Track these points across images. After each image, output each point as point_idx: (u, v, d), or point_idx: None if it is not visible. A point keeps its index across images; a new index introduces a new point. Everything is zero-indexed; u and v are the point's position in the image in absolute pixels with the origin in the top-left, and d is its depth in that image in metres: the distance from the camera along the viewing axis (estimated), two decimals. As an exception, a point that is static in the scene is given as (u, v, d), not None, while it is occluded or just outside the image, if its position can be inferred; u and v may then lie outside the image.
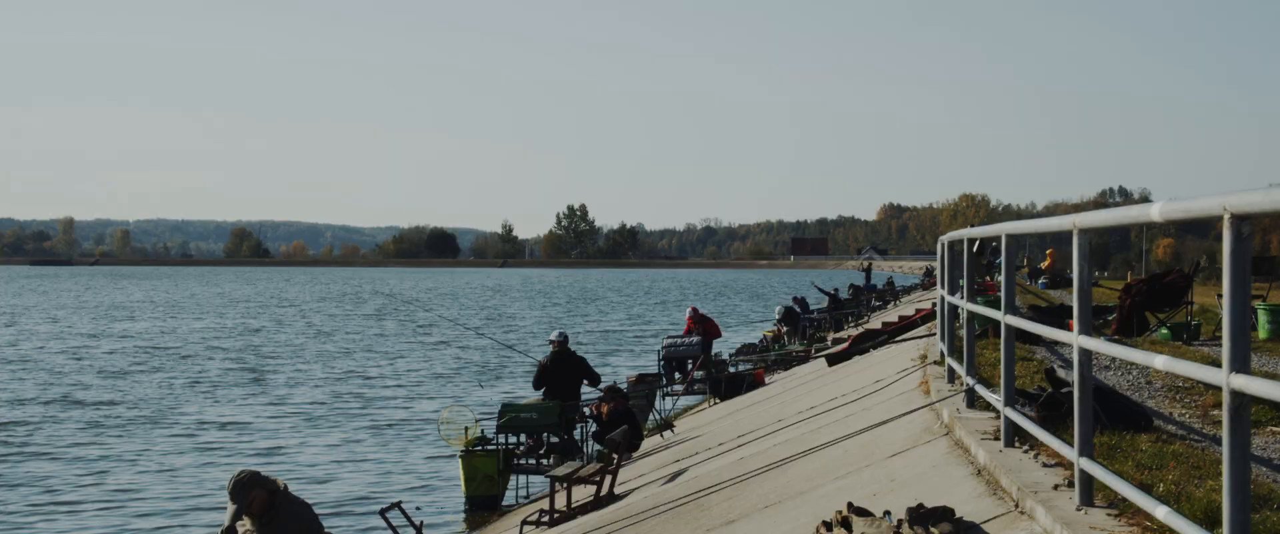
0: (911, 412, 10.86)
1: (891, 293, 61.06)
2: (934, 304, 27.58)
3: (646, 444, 19.41)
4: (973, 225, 12.10)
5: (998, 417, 9.01)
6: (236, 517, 9.51)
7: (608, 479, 13.83)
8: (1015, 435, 7.70)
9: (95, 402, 30.51)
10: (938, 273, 17.18)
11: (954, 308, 12.20)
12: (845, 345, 23.96)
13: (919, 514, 6.20)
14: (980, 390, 9.07)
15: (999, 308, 7.97)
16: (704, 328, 28.85)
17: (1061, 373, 8.79)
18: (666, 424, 20.98)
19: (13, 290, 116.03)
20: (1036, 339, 14.82)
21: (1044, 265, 45.06)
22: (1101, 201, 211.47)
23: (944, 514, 6.24)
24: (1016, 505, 6.41)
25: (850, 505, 6.85)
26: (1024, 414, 7.55)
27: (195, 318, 71.95)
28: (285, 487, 9.66)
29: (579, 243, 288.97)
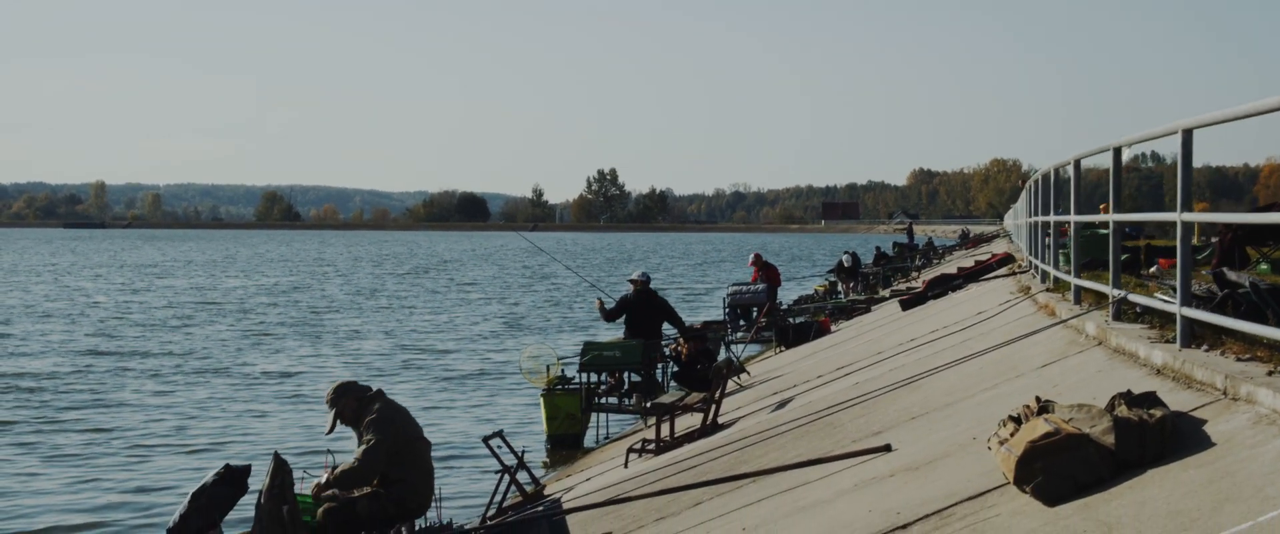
0: (1042, 330, 10.69)
1: (933, 252, 61.19)
2: (992, 257, 27.44)
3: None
4: (1004, 190, 11.95)
5: (1153, 326, 8.85)
6: (334, 422, 9.57)
7: (713, 408, 13.70)
8: (1191, 337, 7.53)
9: (161, 354, 30.53)
10: (1033, 204, 16.95)
11: (1080, 230, 11.99)
12: (918, 290, 23.79)
13: (1132, 398, 6.06)
14: (1137, 299, 8.92)
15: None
16: (768, 275, 28.69)
17: (1232, 275, 8.61)
18: (739, 368, 20.84)
19: (51, 251, 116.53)
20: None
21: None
22: (1133, 165, 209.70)
23: (1153, 400, 6.10)
24: (1225, 393, 6.25)
25: (1037, 399, 6.71)
26: (1205, 313, 7.39)
27: (242, 276, 72.15)
28: (380, 392, 9.64)
29: (609, 207, 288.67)
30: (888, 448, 8.28)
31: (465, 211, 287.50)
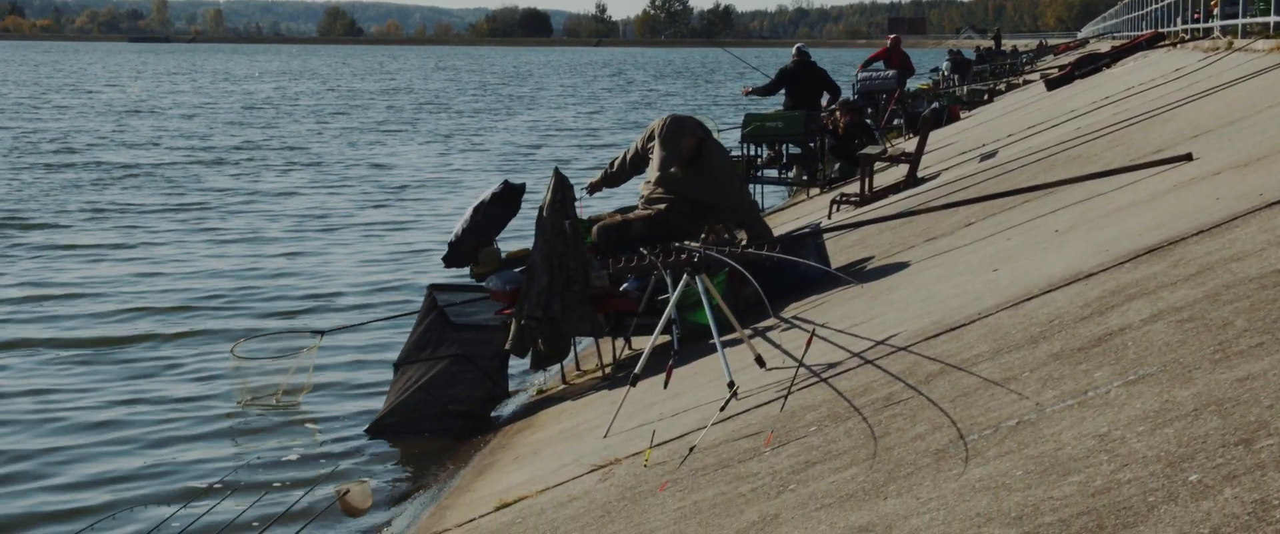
0: (1293, 64, 10.51)
1: (1018, 57, 60.64)
2: (1139, 36, 26.97)
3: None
4: (1073, 4, 11.53)
5: None
6: (665, 163, 9.17)
7: (918, 160, 13.61)
8: None
9: (291, 147, 30.63)
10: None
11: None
12: (1065, 70, 23.47)
13: None
14: None
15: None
16: (903, 62, 28.25)
17: None
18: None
19: (125, 61, 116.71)
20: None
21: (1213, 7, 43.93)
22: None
23: None
24: None
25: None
26: None
27: (322, 82, 72.24)
28: (711, 133, 9.53)
29: (672, 23, 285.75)
30: (1189, 157, 8.17)
31: (528, 27, 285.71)
